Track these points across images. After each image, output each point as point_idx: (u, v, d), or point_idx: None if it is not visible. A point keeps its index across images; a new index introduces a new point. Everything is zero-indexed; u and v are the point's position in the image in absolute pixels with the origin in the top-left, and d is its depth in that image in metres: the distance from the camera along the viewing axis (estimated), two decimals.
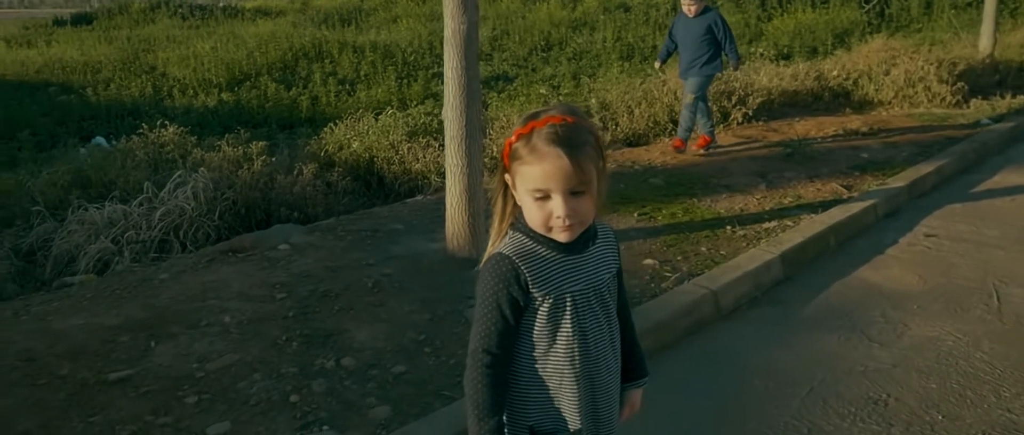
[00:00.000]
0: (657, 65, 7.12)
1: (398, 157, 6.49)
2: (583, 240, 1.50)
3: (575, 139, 1.40)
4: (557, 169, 1.37)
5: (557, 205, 1.40)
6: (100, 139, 8.58)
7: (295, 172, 5.88)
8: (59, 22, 21.42)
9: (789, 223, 4.74)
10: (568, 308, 1.48)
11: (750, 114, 7.57)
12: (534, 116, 1.44)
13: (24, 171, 6.19)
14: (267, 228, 5.21)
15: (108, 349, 3.08)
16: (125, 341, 3.14)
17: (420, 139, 6.81)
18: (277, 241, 4.37)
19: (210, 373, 2.90)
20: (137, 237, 5.01)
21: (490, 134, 6.88)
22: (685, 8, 6.34)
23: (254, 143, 6.16)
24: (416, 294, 3.65)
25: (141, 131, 6.67)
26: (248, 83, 11.42)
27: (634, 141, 7.39)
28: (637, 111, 7.68)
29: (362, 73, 12.38)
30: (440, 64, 13.59)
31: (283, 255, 4.18)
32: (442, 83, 3.96)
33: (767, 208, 5.04)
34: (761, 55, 10.18)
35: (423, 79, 10.93)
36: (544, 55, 14.44)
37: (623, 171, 6.00)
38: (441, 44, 3.89)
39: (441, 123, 7.57)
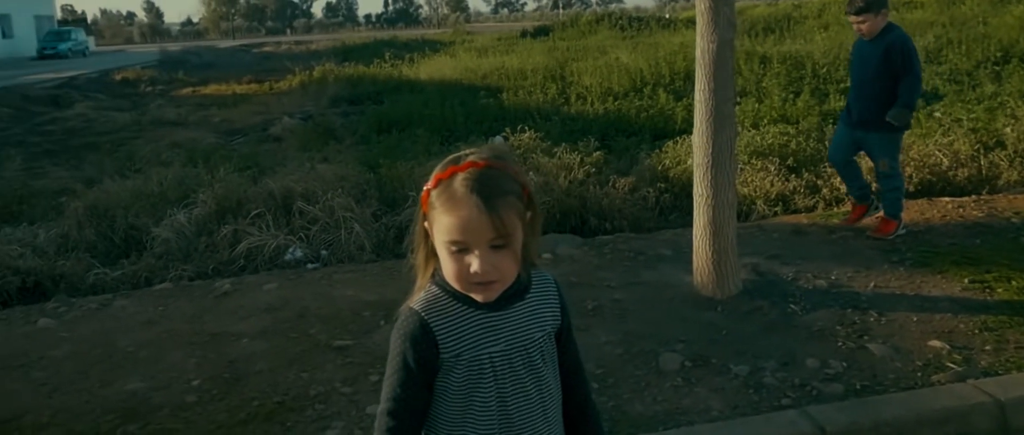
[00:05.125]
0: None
1: None
2: (507, 296, 1.36)
3: (496, 187, 1.28)
4: (473, 220, 1.26)
5: (474, 260, 1.29)
6: (499, 138, 9.92)
7: (609, 184, 6.02)
8: (524, 34, 24.99)
9: None
10: (486, 371, 1.36)
11: None
12: (455, 160, 1.34)
13: (416, 162, 7.53)
14: (580, 233, 5.48)
15: (351, 319, 3.66)
16: (367, 316, 3.69)
17: (758, 162, 6.34)
18: (544, 249, 4.57)
19: None
20: None
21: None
22: (856, 27, 4.50)
23: (579, 154, 6.46)
24: (628, 326, 3.49)
25: (504, 134, 7.54)
26: (643, 92, 11.88)
27: None
28: None
29: (763, 85, 11.85)
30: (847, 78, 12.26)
31: (540, 263, 4.35)
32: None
33: None
34: None
35: (811, 92, 9.98)
36: (996, 69, 11.86)
37: (992, 223, 4.72)
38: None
39: (798, 145, 6.92)
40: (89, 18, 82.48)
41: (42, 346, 3.55)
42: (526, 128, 7.55)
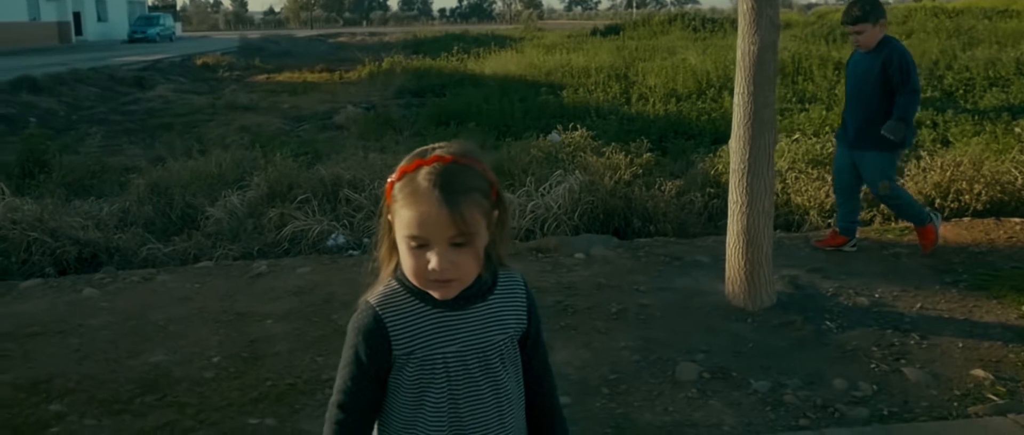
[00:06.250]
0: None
1: (781, 186, 5.93)
2: (467, 296, 1.32)
3: (460, 183, 1.24)
4: (433, 215, 1.22)
5: (433, 257, 1.26)
6: (555, 134, 9.87)
7: (656, 187, 5.90)
8: (594, 32, 24.77)
9: None
10: (438, 370, 1.33)
11: None
12: (422, 154, 1.31)
13: None
14: (623, 235, 5.40)
15: None
16: None
17: (814, 171, 6.11)
18: (578, 249, 4.51)
19: None
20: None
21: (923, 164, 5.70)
22: (852, 38, 4.22)
23: (629, 155, 6.35)
24: (650, 332, 3.39)
25: (557, 130, 7.48)
26: (707, 94, 11.59)
27: None
28: None
29: (835, 92, 11.42)
30: (933, 87, 11.71)
31: (572, 263, 4.30)
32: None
33: None
34: None
35: None
36: None
37: None
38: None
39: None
40: (178, 5, 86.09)
41: (82, 314, 3.70)
42: (580, 126, 7.46)
